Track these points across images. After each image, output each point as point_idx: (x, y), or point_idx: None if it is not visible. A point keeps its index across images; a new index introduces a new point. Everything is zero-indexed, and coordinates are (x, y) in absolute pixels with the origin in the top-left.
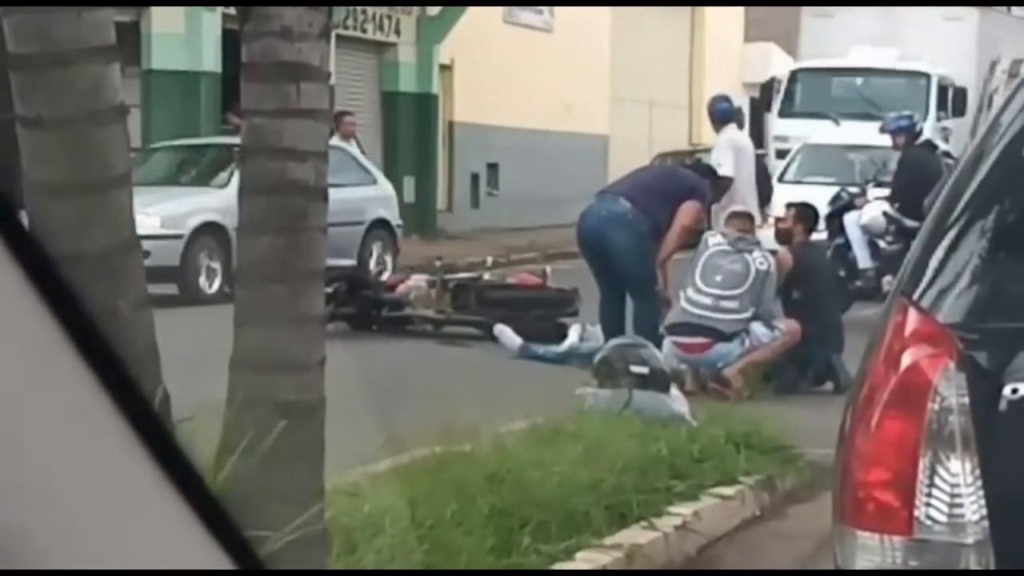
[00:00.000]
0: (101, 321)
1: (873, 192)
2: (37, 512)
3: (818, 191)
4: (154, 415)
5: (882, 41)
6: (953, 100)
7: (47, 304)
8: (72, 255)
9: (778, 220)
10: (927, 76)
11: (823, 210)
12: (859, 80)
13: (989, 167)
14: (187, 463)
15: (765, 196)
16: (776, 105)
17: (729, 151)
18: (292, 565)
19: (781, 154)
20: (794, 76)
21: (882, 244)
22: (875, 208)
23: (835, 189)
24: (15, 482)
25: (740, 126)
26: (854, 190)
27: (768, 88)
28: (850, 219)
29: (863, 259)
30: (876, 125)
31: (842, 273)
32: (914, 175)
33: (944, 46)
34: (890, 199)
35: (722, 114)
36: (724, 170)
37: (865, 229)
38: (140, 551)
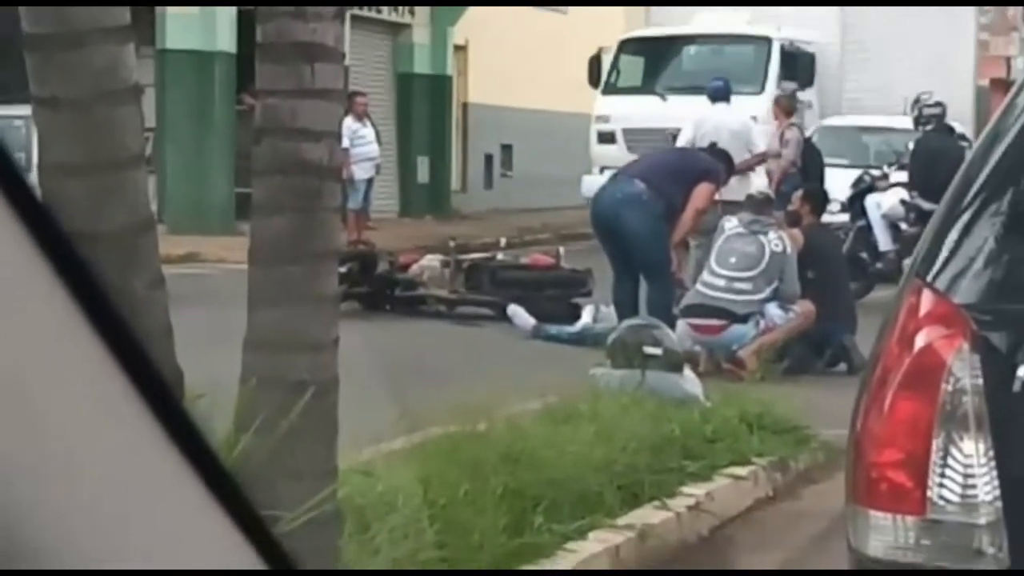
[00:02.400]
0: (116, 300)
1: (896, 175)
2: (52, 487)
3: (837, 174)
4: (169, 393)
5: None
6: (800, 68)
7: (63, 283)
8: (87, 234)
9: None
10: (767, 41)
11: (846, 193)
12: (691, 49)
13: (1004, 149)
14: (202, 441)
15: (816, 176)
16: (602, 81)
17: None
18: (306, 544)
19: (604, 137)
20: (621, 47)
21: (903, 226)
22: (893, 196)
23: (848, 171)
24: (31, 457)
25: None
26: (876, 173)
27: (595, 62)
28: (871, 202)
29: (884, 242)
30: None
31: (864, 255)
32: (929, 159)
33: (808, 10)
34: (908, 185)
35: (715, 92)
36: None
37: (886, 217)
38: (154, 528)
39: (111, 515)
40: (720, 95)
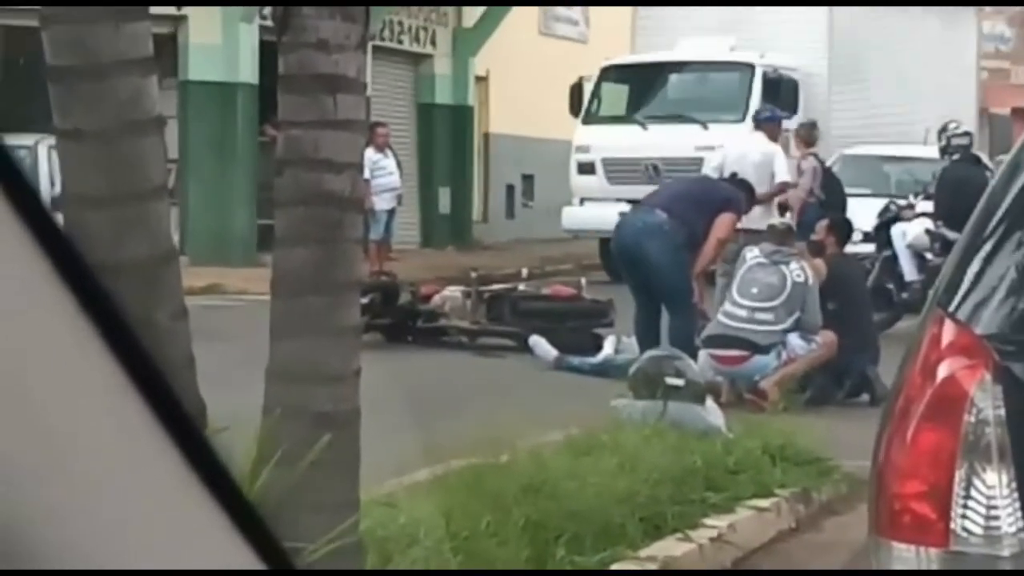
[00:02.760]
0: (139, 331)
1: (922, 205)
2: (76, 521)
3: (858, 203)
4: (191, 424)
5: (724, 31)
6: (783, 94)
7: (86, 314)
8: (110, 266)
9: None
10: (750, 67)
11: (869, 222)
12: (673, 76)
13: None
14: (224, 472)
15: (838, 206)
16: (583, 110)
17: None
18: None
19: (583, 168)
20: (602, 75)
21: (928, 256)
22: (918, 226)
23: (873, 201)
24: (53, 491)
25: (772, 134)
26: (902, 202)
27: (576, 90)
28: (897, 232)
29: (910, 272)
30: (690, 128)
31: (891, 286)
32: (955, 189)
33: (793, 36)
34: (933, 215)
35: (763, 121)
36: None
37: (911, 247)
38: (177, 562)
39: (133, 548)
40: (767, 124)
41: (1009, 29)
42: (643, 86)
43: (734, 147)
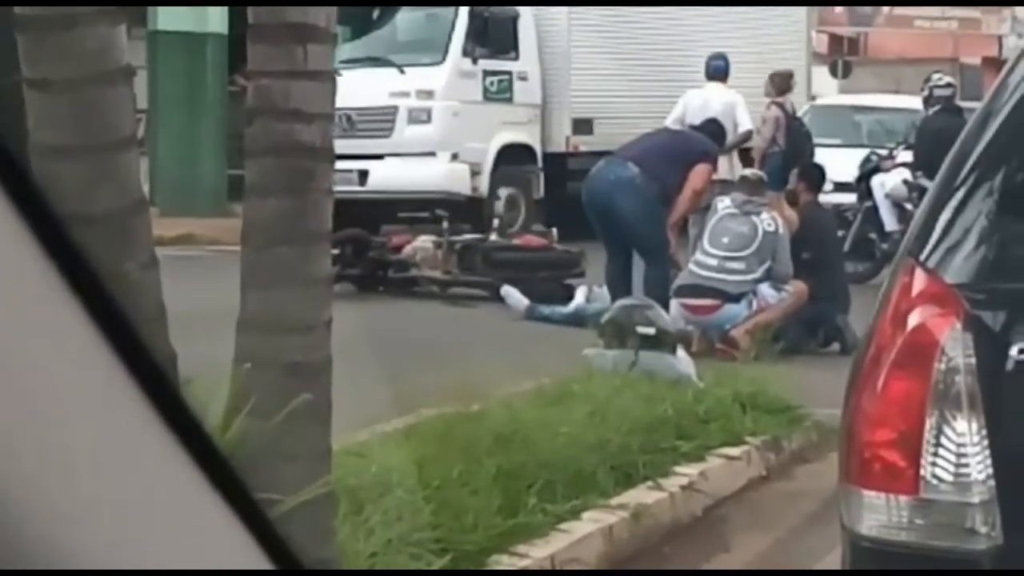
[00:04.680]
0: (109, 282)
1: (902, 156)
2: (46, 473)
3: (830, 154)
4: (163, 376)
5: None
6: (496, 34)
7: (55, 265)
8: (80, 217)
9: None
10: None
11: (844, 172)
12: (372, 14)
13: (996, 128)
14: (196, 424)
15: (805, 155)
16: None
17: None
18: (299, 526)
19: None
20: None
21: (908, 207)
22: (896, 177)
23: (845, 151)
24: (24, 443)
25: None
26: (883, 152)
27: None
28: (877, 182)
29: (890, 222)
30: (386, 73)
31: (872, 236)
32: (934, 139)
33: None
34: (912, 166)
35: (714, 71)
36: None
37: (890, 197)
38: (148, 512)
39: (106, 500)
40: (719, 74)
41: None
42: (343, 27)
43: (694, 98)
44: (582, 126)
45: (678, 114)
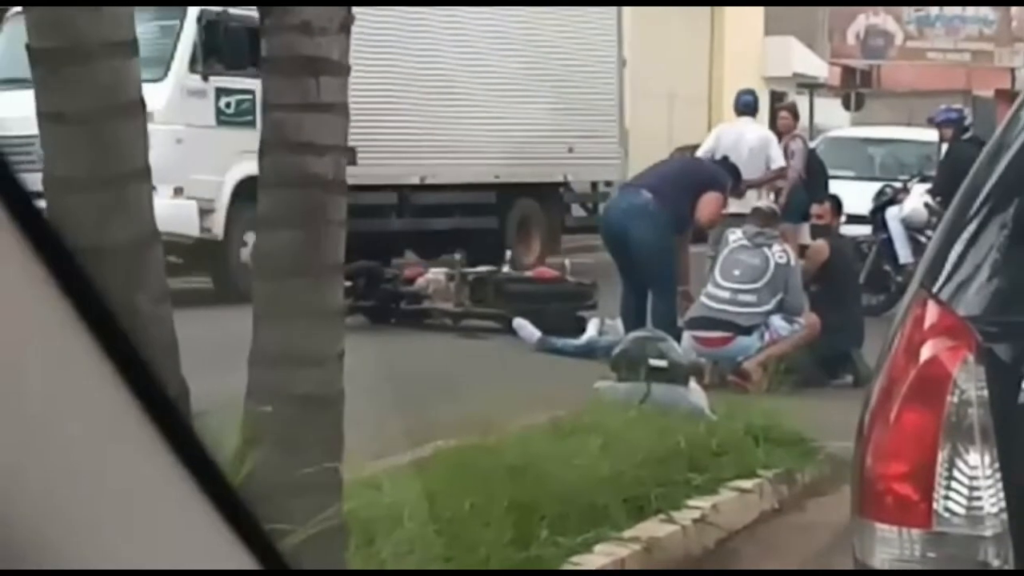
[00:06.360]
0: (121, 315)
1: (918, 188)
2: (56, 506)
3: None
4: (174, 409)
5: None
6: (232, 45)
7: (68, 298)
8: (92, 249)
9: (816, 213)
10: (180, 10)
11: (857, 204)
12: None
13: (1009, 160)
14: (208, 457)
15: (821, 187)
16: None
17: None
18: (311, 558)
19: None
20: None
21: (923, 239)
22: (917, 199)
23: (857, 184)
24: (35, 476)
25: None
26: (898, 185)
27: None
28: (892, 214)
29: (904, 254)
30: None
31: (887, 268)
32: (959, 169)
33: None
34: (932, 192)
35: (744, 107)
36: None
37: (906, 221)
38: (160, 546)
39: (115, 532)
40: (748, 109)
41: (993, 12)
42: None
43: (728, 132)
44: None
45: (709, 147)
